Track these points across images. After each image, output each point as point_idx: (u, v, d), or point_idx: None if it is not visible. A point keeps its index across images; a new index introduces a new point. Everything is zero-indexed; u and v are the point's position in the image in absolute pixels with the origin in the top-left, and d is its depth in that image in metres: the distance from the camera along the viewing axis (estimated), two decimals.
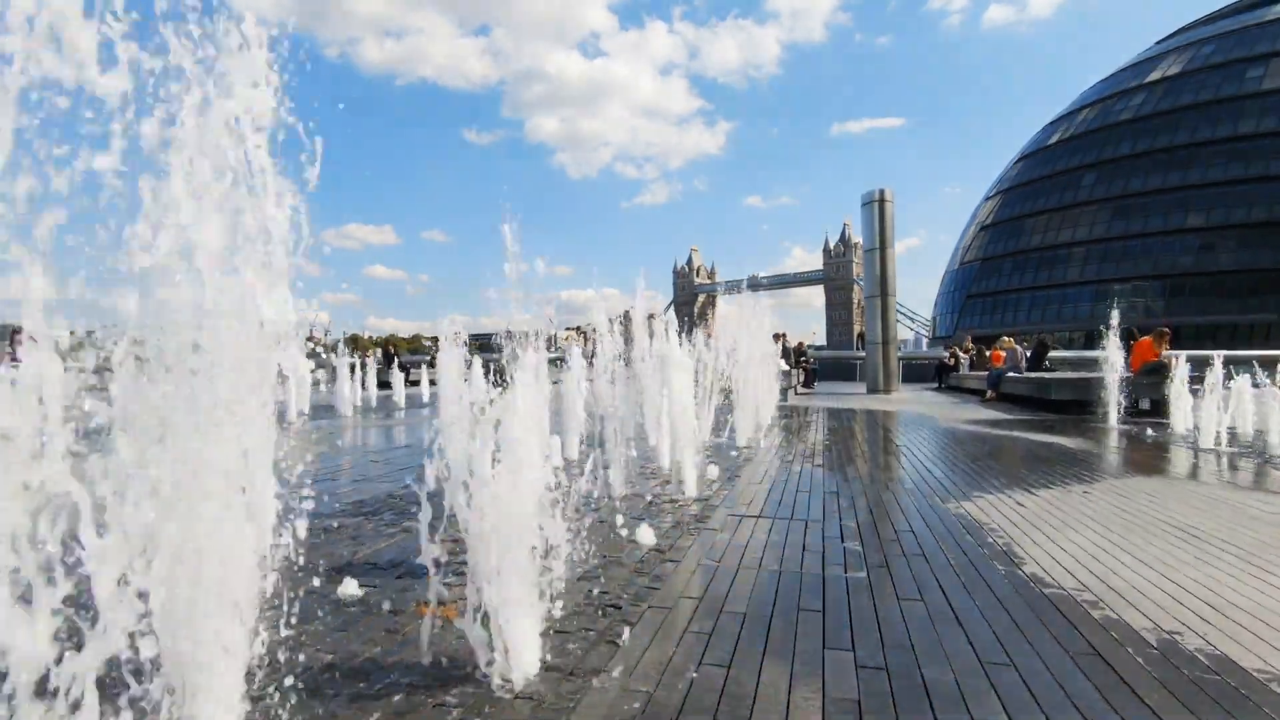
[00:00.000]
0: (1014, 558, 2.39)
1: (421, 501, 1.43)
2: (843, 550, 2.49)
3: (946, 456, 4.85)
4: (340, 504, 3.31)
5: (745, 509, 3.18)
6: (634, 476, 3.94)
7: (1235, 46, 45.42)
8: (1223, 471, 4.25)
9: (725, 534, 2.72)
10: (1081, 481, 3.86)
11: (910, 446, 5.41)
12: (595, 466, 3.39)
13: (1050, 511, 3.09)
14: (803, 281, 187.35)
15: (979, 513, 3.08)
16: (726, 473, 4.20)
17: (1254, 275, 41.89)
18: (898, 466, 4.44)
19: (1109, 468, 4.34)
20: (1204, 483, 3.86)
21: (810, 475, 4.06)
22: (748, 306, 6.65)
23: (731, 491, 3.60)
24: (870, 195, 13.25)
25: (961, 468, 4.38)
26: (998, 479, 3.95)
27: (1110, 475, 4.07)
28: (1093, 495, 3.47)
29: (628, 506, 3.19)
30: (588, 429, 5.33)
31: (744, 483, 3.85)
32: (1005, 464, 4.59)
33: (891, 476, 4.11)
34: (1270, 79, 43.15)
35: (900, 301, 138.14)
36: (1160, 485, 3.74)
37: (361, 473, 4.39)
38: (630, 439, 4.21)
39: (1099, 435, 6.22)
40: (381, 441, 6.40)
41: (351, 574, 2.14)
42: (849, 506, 3.25)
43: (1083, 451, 5.10)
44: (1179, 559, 2.37)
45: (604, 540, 2.60)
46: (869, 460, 4.75)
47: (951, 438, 6.06)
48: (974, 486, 3.72)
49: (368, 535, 2.74)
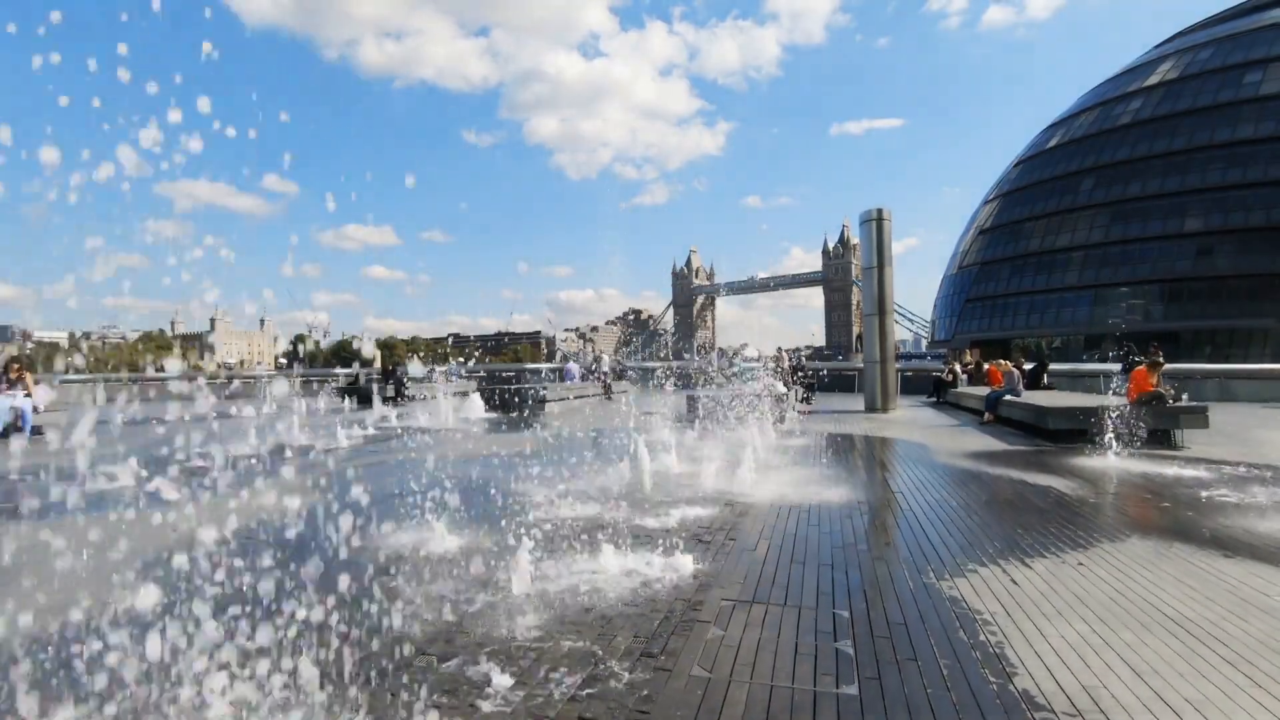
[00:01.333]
0: (1006, 664, 2.38)
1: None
2: (835, 653, 2.49)
3: (943, 510, 4.84)
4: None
5: (739, 589, 3.18)
6: (630, 537, 3.94)
7: (1233, 51, 45.47)
8: (1218, 527, 4.25)
9: (717, 629, 2.72)
10: (1076, 546, 3.86)
11: (906, 494, 5.40)
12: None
13: (1043, 593, 3.09)
14: (802, 283, 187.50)
15: (973, 595, 3.07)
16: (721, 531, 4.20)
17: (1253, 280, 41.94)
18: (893, 525, 4.43)
19: (1104, 525, 4.33)
20: (1200, 546, 3.86)
21: (805, 539, 4.06)
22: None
23: (727, 562, 3.60)
24: (868, 214, 13.26)
25: (957, 526, 4.37)
26: (992, 543, 3.94)
27: (1104, 537, 4.07)
28: (1087, 568, 3.46)
29: (621, 595, 3.18)
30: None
31: (739, 549, 3.85)
32: (1000, 520, 4.59)
33: (887, 539, 4.11)
34: (1268, 84, 43.20)
35: (898, 303, 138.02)
36: (1155, 553, 3.73)
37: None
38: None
39: (1096, 474, 6.21)
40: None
41: None
42: (843, 583, 3.25)
43: (1078, 500, 5.09)
44: (1172, 666, 2.37)
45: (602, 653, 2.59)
46: (866, 514, 4.75)
47: (948, 480, 6.05)
48: (969, 554, 3.72)
49: None
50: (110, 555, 3.65)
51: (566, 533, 4.06)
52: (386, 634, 2.61)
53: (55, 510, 4.88)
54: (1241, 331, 42.45)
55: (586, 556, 3.59)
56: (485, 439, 9.53)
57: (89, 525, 4.39)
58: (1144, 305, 45.95)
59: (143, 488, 5.68)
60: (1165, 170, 45.35)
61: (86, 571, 3.38)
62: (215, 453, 2.42)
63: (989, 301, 53.53)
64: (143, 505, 5.04)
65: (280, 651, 2.05)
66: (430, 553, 3.76)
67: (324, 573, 2.31)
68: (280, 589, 2.18)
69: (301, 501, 4.80)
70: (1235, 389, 16.96)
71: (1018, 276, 51.75)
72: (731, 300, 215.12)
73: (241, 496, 4.78)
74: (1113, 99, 50.39)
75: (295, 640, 2.10)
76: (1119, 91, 50.34)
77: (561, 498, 5.00)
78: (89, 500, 5.26)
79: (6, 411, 9.15)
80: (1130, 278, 46.18)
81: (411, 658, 2.45)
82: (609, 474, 6.09)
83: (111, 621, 2.15)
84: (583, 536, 3.90)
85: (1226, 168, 43.27)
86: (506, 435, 9.96)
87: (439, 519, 4.08)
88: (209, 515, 2.42)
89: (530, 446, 8.29)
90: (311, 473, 6.54)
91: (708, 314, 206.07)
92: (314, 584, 2.27)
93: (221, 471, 2.37)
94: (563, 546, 3.80)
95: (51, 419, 10.15)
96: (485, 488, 5.66)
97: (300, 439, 9.14)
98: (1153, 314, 45.68)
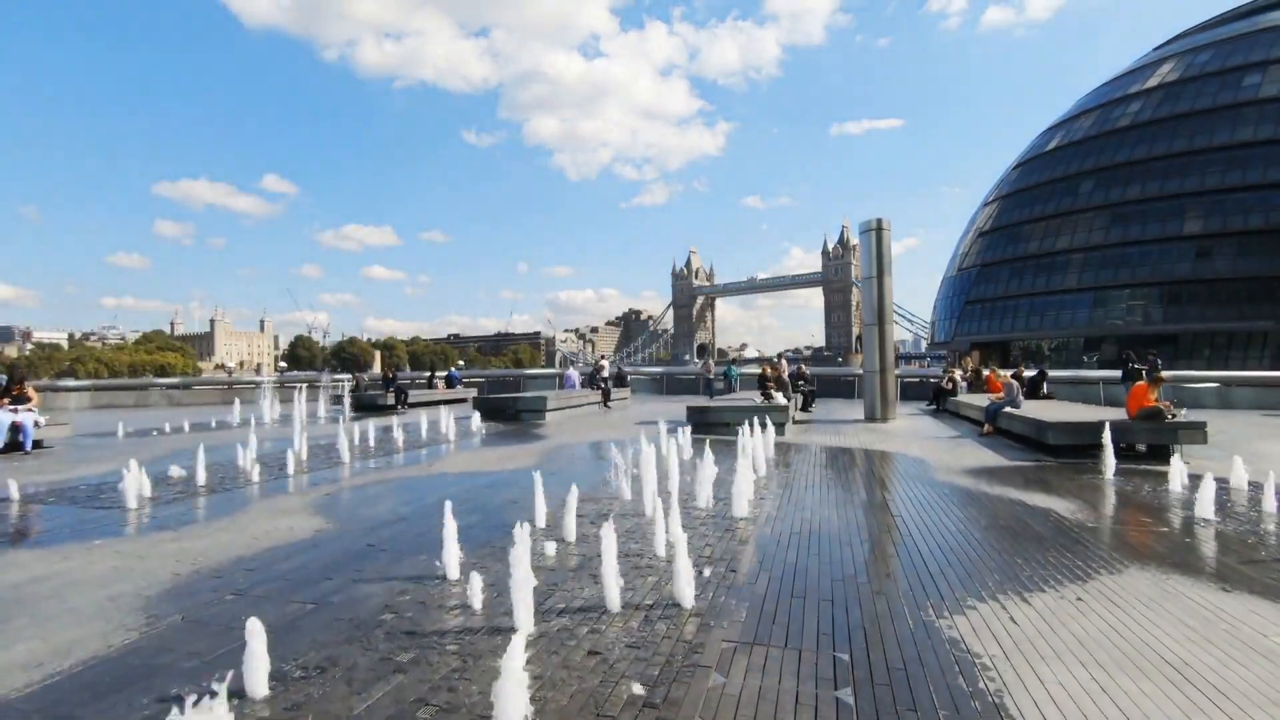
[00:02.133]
0: (1005, 715, 2.40)
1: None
2: (835, 703, 2.50)
3: (942, 536, 4.86)
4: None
5: (740, 628, 3.19)
6: (629, 570, 3.95)
7: (1232, 53, 45.52)
8: (1216, 556, 4.26)
9: (719, 674, 2.73)
10: (1075, 578, 3.88)
11: (906, 517, 5.42)
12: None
13: (1042, 633, 3.10)
14: (801, 283, 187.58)
15: (972, 635, 3.09)
16: (722, 562, 4.21)
17: (1252, 283, 41.97)
18: (893, 554, 4.44)
19: (1102, 555, 4.35)
20: (1198, 578, 3.87)
21: (805, 570, 4.07)
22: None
23: (728, 596, 3.61)
24: (867, 224, 13.29)
25: (956, 555, 4.39)
26: (991, 575, 3.96)
27: (1103, 567, 4.08)
28: (1085, 604, 3.48)
29: (627, 632, 3.20)
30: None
31: (739, 581, 3.86)
32: (999, 548, 4.60)
33: (887, 570, 4.12)
34: (1268, 86, 43.25)
35: (897, 304, 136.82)
36: (1153, 587, 3.75)
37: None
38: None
39: (1095, 495, 6.23)
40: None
41: None
42: (843, 622, 3.26)
43: (1077, 525, 5.11)
44: (1170, 718, 2.38)
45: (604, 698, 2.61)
46: (866, 541, 4.77)
47: (948, 501, 6.07)
48: (968, 587, 3.73)
49: None
50: (97, 591, 3.66)
51: (569, 560, 4.07)
52: (379, 700, 2.62)
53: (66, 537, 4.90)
54: (1240, 334, 42.48)
55: (587, 590, 3.61)
56: (488, 454, 9.54)
57: (78, 556, 4.40)
58: (1143, 307, 46.00)
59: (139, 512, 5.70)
60: (1165, 172, 45.38)
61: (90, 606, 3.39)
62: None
63: (988, 303, 53.56)
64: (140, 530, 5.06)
65: None
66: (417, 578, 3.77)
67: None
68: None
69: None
70: (1235, 396, 16.99)
71: (1017, 278, 51.79)
72: (731, 300, 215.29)
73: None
74: (1112, 101, 50.43)
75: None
76: (1118, 94, 50.39)
77: (560, 518, 5.00)
78: (85, 527, 5.27)
79: (7, 428, 9.15)
80: (1130, 280, 46.22)
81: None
82: (606, 492, 6.10)
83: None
84: (585, 565, 3.92)
85: (1226, 170, 43.31)
86: (509, 448, 9.98)
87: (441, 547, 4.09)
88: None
89: (532, 460, 8.31)
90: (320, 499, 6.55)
91: (707, 314, 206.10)
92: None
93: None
94: (566, 579, 3.82)
95: (54, 433, 10.16)
96: (490, 507, 5.67)
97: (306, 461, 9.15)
98: (1152, 316, 45.73)
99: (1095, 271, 47.62)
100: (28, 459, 8.99)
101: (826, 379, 21.79)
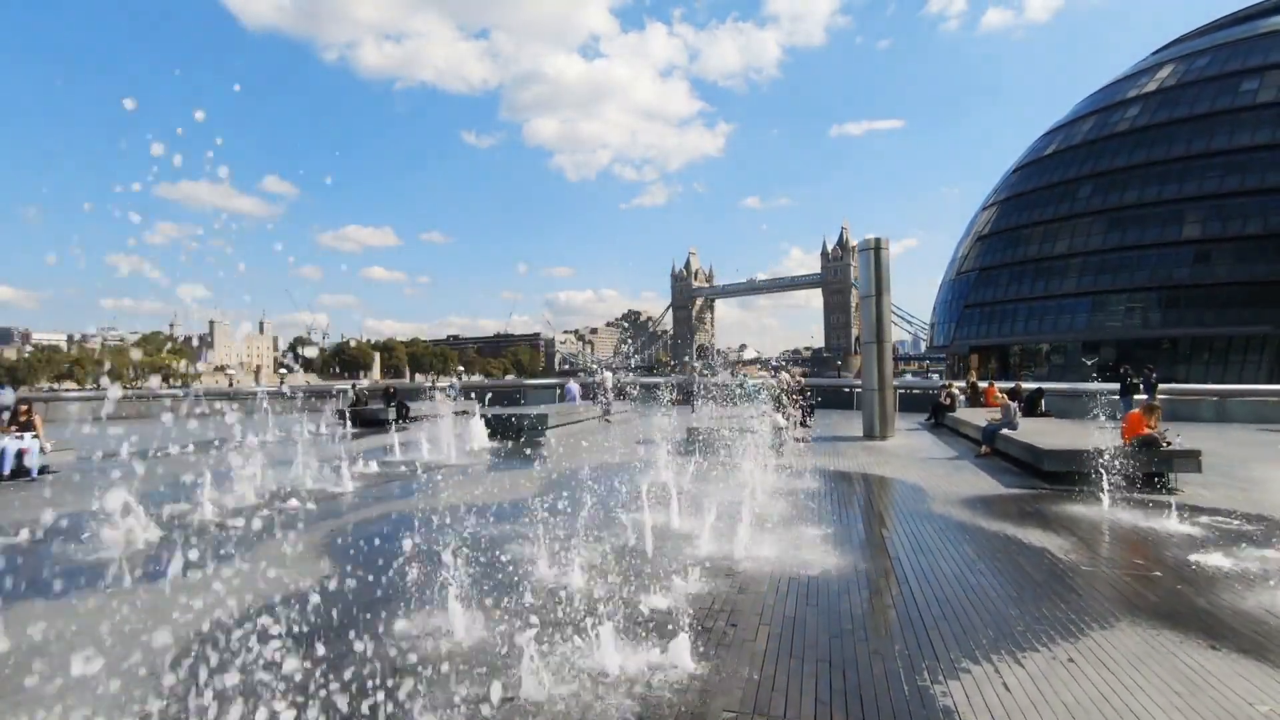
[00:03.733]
0: None
1: None
2: None
3: (939, 583, 4.96)
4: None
5: (740, 696, 3.28)
6: (630, 626, 4.04)
7: (1230, 59, 45.65)
8: (1206, 607, 4.36)
9: None
10: (1067, 635, 3.97)
11: (903, 559, 5.52)
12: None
13: (1034, 702, 3.19)
14: (801, 284, 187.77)
15: (965, 704, 3.18)
16: (723, 614, 4.30)
17: (1250, 287, 42.12)
18: (889, 605, 4.53)
19: (1094, 607, 4.43)
20: (1188, 634, 3.96)
21: (804, 624, 4.15)
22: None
23: (728, 657, 3.69)
24: (866, 243, 13.39)
25: (952, 605, 4.47)
26: (985, 631, 4.04)
27: (1095, 621, 4.18)
28: (1076, 666, 3.57)
29: (632, 697, 3.28)
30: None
31: (739, 638, 3.95)
32: (994, 597, 4.68)
33: (884, 625, 4.21)
34: (1265, 91, 43.39)
35: (896, 304, 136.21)
36: (1143, 645, 3.84)
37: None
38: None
39: (1089, 531, 6.33)
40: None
41: None
42: (840, 689, 3.35)
43: (1070, 570, 5.20)
44: None
45: None
46: (864, 588, 4.86)
47: (945, 539, 6.16)
48: (962, 645, 3.82)
49: None
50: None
51: (565, 614, 4.16)
52: None
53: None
54: (1239, 338, 42.63)
55: (585, 655, 3.69)
56: (491, 484, 9.63)
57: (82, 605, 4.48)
58: (1142, 311, 46.16)
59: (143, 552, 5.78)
60: (1163, 177, 45.54)
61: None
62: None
63: (988, 307, 53.71)
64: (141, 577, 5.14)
65: None
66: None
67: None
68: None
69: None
70: (1232, 409, 17.10)
71: (1016, 282, 51.94)
72: (731, 301, 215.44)
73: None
74: (1111, 106, 50.58)
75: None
76: (1117, 98, 50.53)
77: (560, 559, 5.08)
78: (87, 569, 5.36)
79: (13, 455, 9.24)
80: (1128, 284, 46.39)
81: None
82: (606, 534, 6.19)
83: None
84: (582, 622, 4.01)
85: (1224, 175, 43.46)
86: (511, 473, 10.07)
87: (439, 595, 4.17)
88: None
89: (535, 490, 8.40)
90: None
91: (707, 315, 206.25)
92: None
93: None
94: (566, 634, 3.91)
95: (59, 458, 10.24)
96: (497, 563, 5.76)
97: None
98: (1151, 320, 45.89)
99: (1094, 276, 47.79)
100: (33, 486, 9.09)
101: (825, 390, 21.91)
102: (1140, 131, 47.19)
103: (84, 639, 3.95)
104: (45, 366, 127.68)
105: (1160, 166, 45.76)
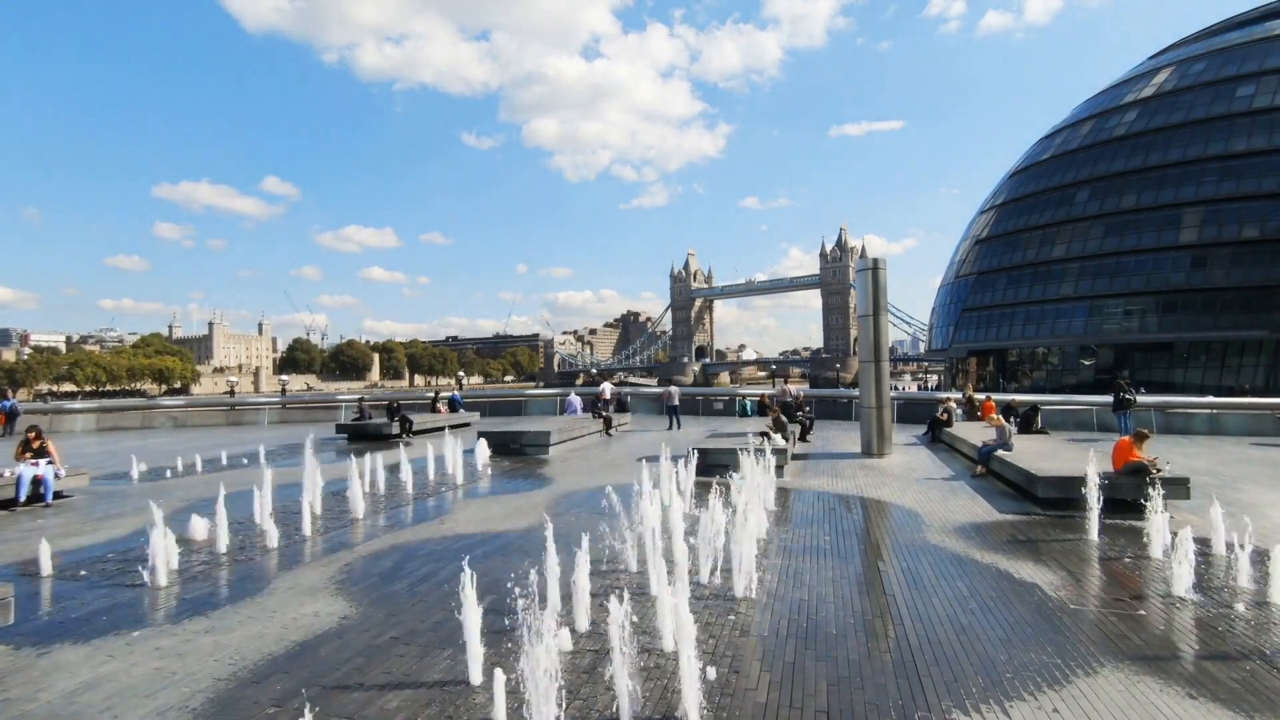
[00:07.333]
0: None
1: None
2: None
3: (932, 621, 5.18)
4: None
5: None
6: (636, 672, 4.24)
7: (1226, 64, 45.93)
8: (1186, 652, 4.57)
9: None
10: (1053, 683, 4.17)
11: (899, 596, 5.74)
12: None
13: None
14: (799, 285, 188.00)
15: None
16: (725, 658, 4.51)
17: (1246, 292, 42.40)
18: (886, 651, 4.73)
19: (1079, 651, 4.64)
20: (1168, 681, 4.17)
21: (803, 672, 4.36)
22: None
23: (731, 707, 3.90)
24: (864, 263, 13.62)
25: (944, 648, 4.68)
26: (975, 677, 4.24)
27: (1079, 667, 4.38)
28: (1061, 717, 3.78)
29: None
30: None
31: (741, 688, 4.15)
32: (984, 640, 4.88)
33: (880, 669, 4.41)
34: (1261, 97, 43.66)
35: (894, 305, 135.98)
36: (1125, 693, 4.05)
37: None
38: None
39: (1079, 564, 6.55)
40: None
41: None
42: None
43: (1058, 608, 5.42)
44: None
45: None
46: (860, 630, 5.07)
47: (940, 573, 6.37)
48: (953, 693, 4.02)
49: None
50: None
51: (583, 658, 4.36)
52: None
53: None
54: (1235, 343, 42.88)
55: (601, 699, 3.89)
56: (495, 507, 9.83)
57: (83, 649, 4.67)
58: (1139, 315, 46.41)
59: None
60: (1160, 182, 45.80)
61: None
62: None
63: (985, 311, 53.96)
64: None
65: None
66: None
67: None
68: None
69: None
70: (1225, 422, 17.35)
71: (1014, 286, 52.18)
72: (730, 302, 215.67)
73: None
74: (1108, 110, 50.83)
75: None
76: (1114, 103, 50.79)
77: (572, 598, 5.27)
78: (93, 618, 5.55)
79: (29, 481, 9.43)
80: (1125, 289, 46.64)
81: None
82: (614, 564, 6.39)
83: None
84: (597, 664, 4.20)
85: (1220, 180, 43.73)
86: (515, 497, 10.27)
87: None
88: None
89: (539, 513, 8.61)
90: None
91: (706, 316, 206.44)
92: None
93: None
94: (581, 683, 4.11)
95: (73, 483, 10.44)
96: (504, 586, 5.95)
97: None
98: (1148, 324, 46.13)
99: (1091, 280, 48.05)
100: (49, 513, 9.29)
101: (823, 400, 22.14)
102: (1137, 137, 47.46)
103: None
104: (44, 369, 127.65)
105: (1157, 171, 46.02)
